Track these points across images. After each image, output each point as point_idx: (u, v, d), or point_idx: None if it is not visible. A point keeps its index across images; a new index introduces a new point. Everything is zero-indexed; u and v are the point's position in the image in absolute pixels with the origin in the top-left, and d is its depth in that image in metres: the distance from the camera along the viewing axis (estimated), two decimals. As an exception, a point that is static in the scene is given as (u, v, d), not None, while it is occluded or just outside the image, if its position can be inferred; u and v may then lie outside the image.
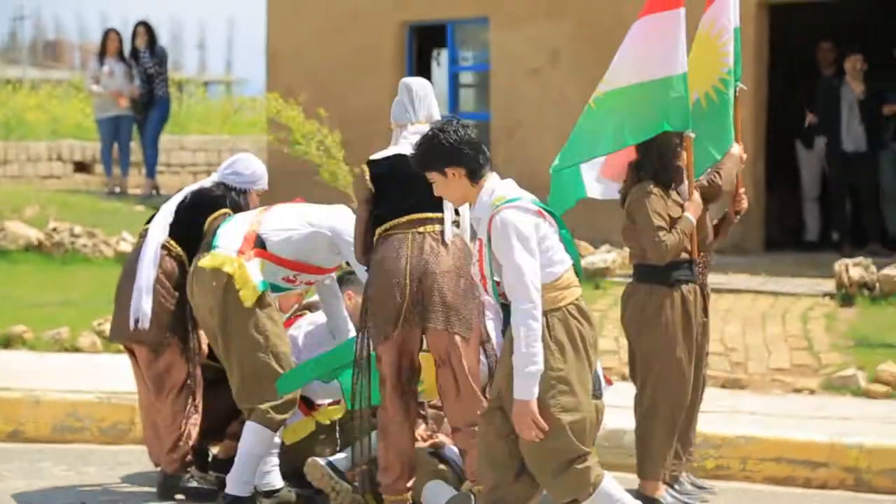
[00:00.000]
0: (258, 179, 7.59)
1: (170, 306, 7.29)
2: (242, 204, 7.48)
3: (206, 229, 7.33)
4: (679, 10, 7.14)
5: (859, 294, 11.24)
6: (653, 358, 7.16)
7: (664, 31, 7.13)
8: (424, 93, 6.98)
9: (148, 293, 7.24)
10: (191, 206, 7.44)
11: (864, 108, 14.16)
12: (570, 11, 15.36)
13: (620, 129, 7.16)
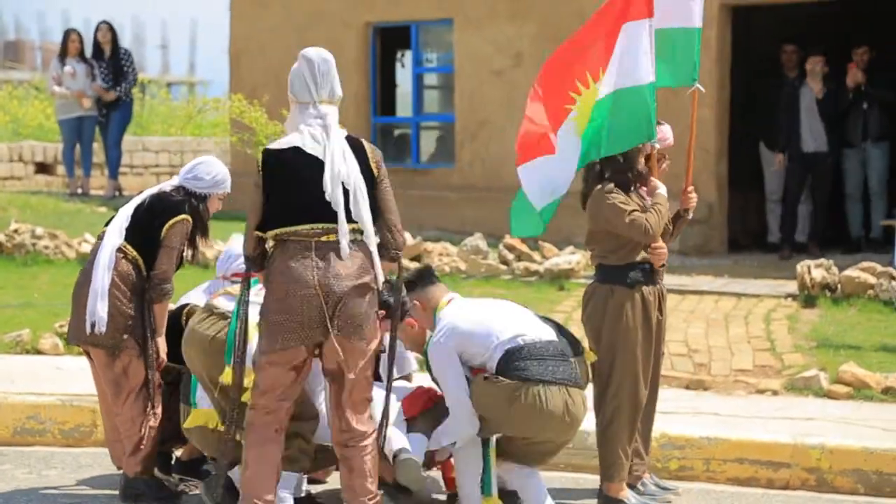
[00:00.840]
0: (219, 184, 7.51)
1: (126, 310, 7.25)
2: (201, 209, 7.42)
3: (164, 235, 7.28)
4: (648, 20, 7.16)
5: (821, 295, 11.29)
6: (612, 358, 7.18)
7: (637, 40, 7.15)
8: (327, 68, 6.49)
9: (103, 297, 7.20)
10: (149, 211, 7.38)
11: (823, 109, 14.26)
12: (533, 13, 15.39)
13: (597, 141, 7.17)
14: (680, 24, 7.43)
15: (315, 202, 6.33)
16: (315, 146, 6.38)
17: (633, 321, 7.16)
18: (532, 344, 6.83)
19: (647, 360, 7.24)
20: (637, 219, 7.05)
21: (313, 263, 6.32)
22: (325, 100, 6.47)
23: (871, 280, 11.26)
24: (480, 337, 6.89)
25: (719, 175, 14.71)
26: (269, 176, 6.40)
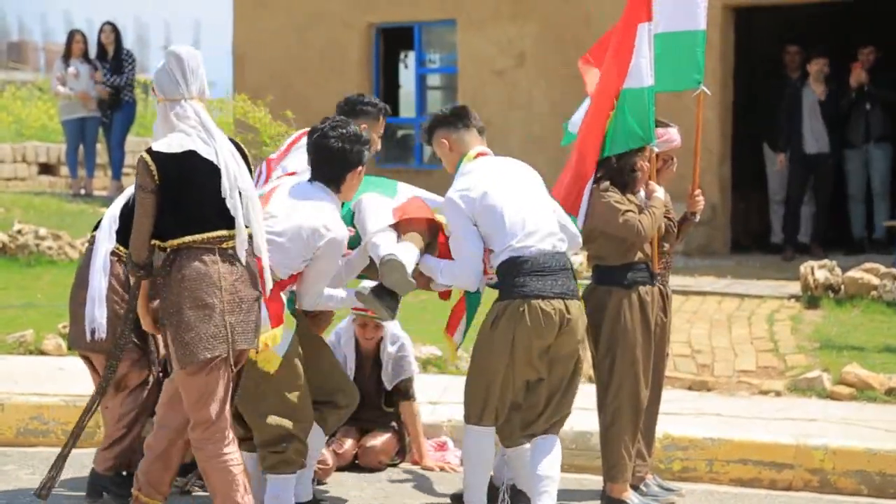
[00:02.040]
0: None
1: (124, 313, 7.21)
2: None
3: None
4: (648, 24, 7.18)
5: (825, 296, 11.29)
6: (612, 359, 7.18)
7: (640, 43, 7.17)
8: (196, 64, 6.31)
9: (101, 303, 7.15)
10: (131, 210, 7.26)
11: (826, 110, 14.26)
12: (535, 14, 15.40)
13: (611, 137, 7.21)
14: (684, 27, 7.44)
15: (214, 209, 6.17)
16: (207, 150, 6.23)
17: (631, 322, 7.16)
18: (535, 257, 6.67)
19: (647, 360, 7.24)
20: (630, 219, 7.05)
21: (219, 271, 6.16)
22: (195, 97, 6.33)
23: (874, 281, 11.26)
24: (491, 226, 6.73)
25: (722, 176, 14.72)
26: (167, 182, 6.13)
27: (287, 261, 6.61)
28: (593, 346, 7.28)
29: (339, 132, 6.63)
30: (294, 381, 6.76)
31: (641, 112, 7.15)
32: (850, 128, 14.49)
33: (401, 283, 6.68)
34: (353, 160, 6.65)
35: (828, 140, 14.36)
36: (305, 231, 6.55)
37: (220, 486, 6.22)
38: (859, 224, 14.76)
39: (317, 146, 6.69)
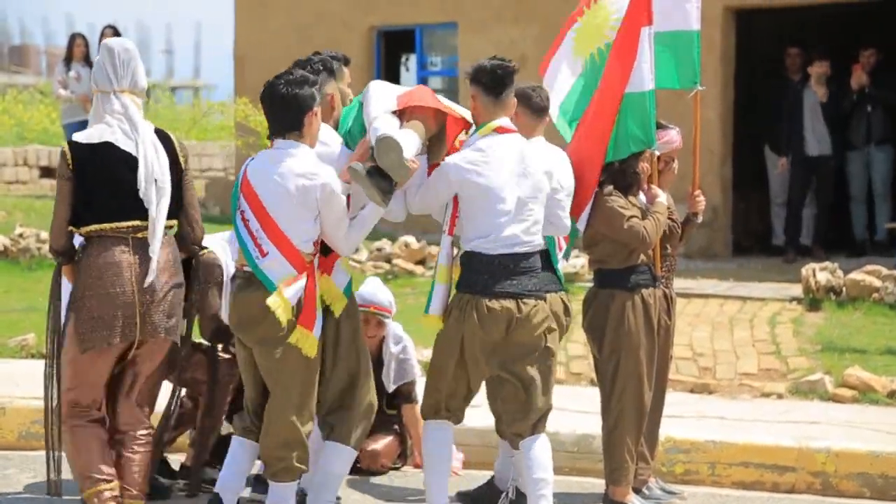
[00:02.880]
0: None
1: None
2: None
3: None
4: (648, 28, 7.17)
5: (826, 298, 11.29)
6: (615, 362, 7.17)
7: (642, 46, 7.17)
8: (128, 57, 6.54)
9: None
10: None
11: (827, 112, 14.26)
12: (537, 16, 15.39)
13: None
14: (678, 27, 7.45)
15: (129, 199, 6.39)
16: (127, 142, 6.45)
17: (634, 324, 7.15)
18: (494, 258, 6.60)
19: (651, 363, 7.23)
20: (635, 225, 7.04)
21: (129, 260, 6.40)
22: (125, 89, 6.54)
23: (875, 283, 11.25)
24: (468, 215, 6.66)
25: (723, 177, 14.72)
26: (81, 171, 6.41)
27: (299, 230, 6.46)
28: (596, 350, 7.26)
29: (285, 79, 6.51)
30: (314, 375, 6.65)
31: (643, 116, 7.14)
32: (852, 129, 14.49)
33: (395, 166, 6.38)
34: (307, 102, 6.46)
35: (829, 142, 14.36)
36: (292, 192, 6.41)
37: (76, 454, 6.53)
38: (861, 226, 14.75)
39: (269, 97, 6.51)
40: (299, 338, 6.46)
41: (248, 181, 6.48)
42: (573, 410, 8.56)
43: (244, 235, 6.45)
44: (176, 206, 6.57)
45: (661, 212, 7.18)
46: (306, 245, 6.47)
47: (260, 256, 6.41)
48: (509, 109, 6.79)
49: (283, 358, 6.47)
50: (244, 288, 6.49)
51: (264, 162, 6.51)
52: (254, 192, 6.44)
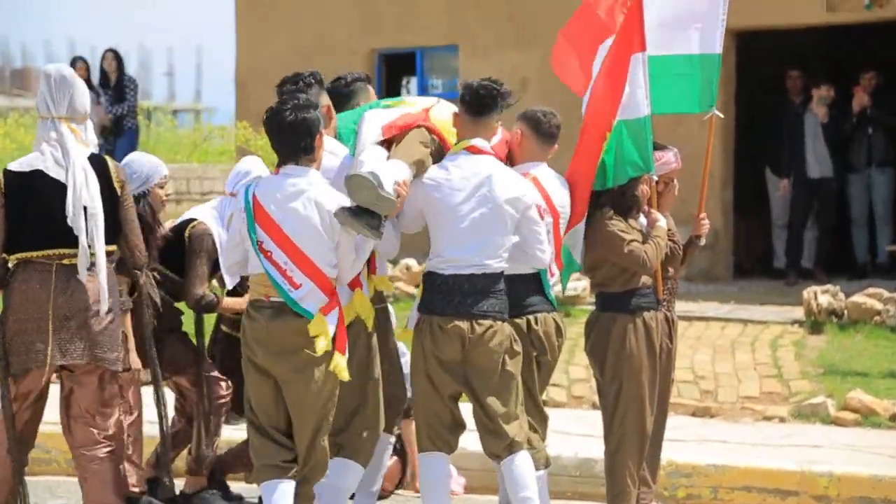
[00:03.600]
0: (151, 176, 7.32)
1: None
2: (143, 209, 7.19)
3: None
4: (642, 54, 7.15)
5: (828, 321, 11.28)
6: (618, 386, 7.16)
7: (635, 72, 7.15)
8: (65, 84, 6.54)
9: None
10: None
11: (828, 134, 14.27)
12: (538, 40, 15.39)
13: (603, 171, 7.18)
14: (701, 49, 7.40)
15: (57, 226, 6.42)
16: (58, 170, 6.47)
17: (636, 348, 7.13)
18: (448, 278, 6.61)
19: (653, 386, 7.21)
20: (635, 249, 7.03)
21: (50, 287, 6.43)
22: (63, 116, 6.55)
23: (877, 306, 11.25)
24: (435, 230, 6.68)
25: (724, 200, 14.72)
26: (12, 199, 6.47)
27: (326, 257, 6.44)
28: (598, 373, 7.25)
29: (290, 104, 6.48)
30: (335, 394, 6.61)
31: (641, 142, 7.13)
32: (853, 152, 14.49)
33: (373, 200, 6.32)
34: (316, 125, 6.46)
35: (831, 164, 14.36)
36: (318, 221, 6.38)
37: None
38: (862, 249, 14.74)
39: (277, 124, 6.47)
40: (336, 363, 6.44)
41: (264, 210, 6.41)
42: (575, 434, 8.56)
43: (270, 268, 6.38)
44: (114, 232, 6.60)
45: (661, 235, 7.18)
46: (332, 271, 6.47)
47: (293, 289, 6.37)
48: (489, 131, 6.77)
49: (322, 385, 6.44)
50: (276, 318, 6.41)
51: (280, 189, 6.44)
52: (274, 222, 6.39)
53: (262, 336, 6.44)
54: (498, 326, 6.63)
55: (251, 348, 6.50)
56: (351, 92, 7.28)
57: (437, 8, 16.17)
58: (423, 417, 6.81)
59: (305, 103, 6.50)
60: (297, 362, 6.41)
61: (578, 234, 7.14)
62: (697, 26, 7.42)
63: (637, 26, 7.07)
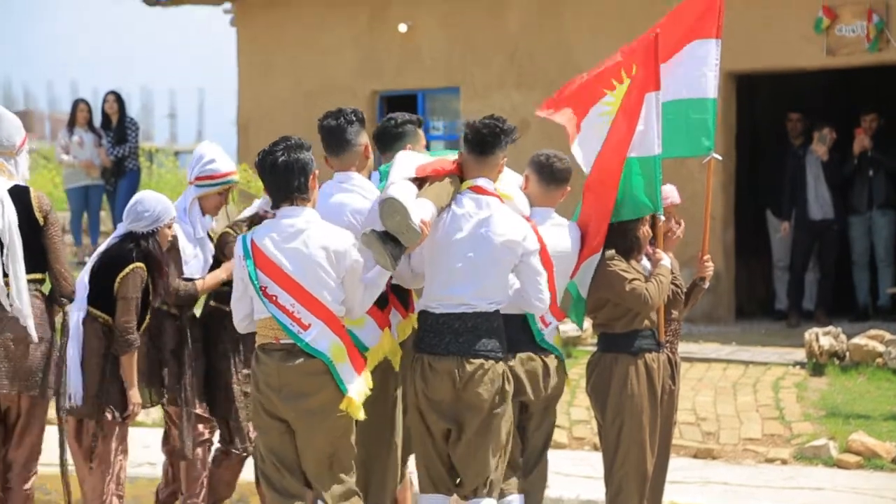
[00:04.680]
0: (161, 216, 7.31)
1: (100, 376, 7.19)
2: (152, 247, 7.23)
3: (117, 288, 7.13)
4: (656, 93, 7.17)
5: (830, 363, 11.26)
6: (619, 427, 7.13)
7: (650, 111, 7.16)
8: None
9: (76, 371, 7.15)
10: (101, 270, 7.26)
11: (829, 176, 14.29)
12: (539, 82, 15.46)
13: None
14: (695, 94, 7.43)
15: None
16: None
17: (638, 389, 7.11)
18: (439, 316, 6.59)
19: (654, 428, 7.19)
20: (637, 287, 7.02)
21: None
22: (5, 150, 6.86)
23: (879, 348, 11.23)
24: (430, 269, 6.66)
25: (726, 242, 14.72)
26: None
27: (332, 295, 6.38)
28: (600, 414, 7.23)
29: (282, 146, 6.49)
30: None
31: (650, 181, 7.13)
32: (854, 194, 14.50)
33: (402, 229, 6.29)
34: (308, 165, 6.47)
35: (832, 206, 14.37)
36: (321, 259, 6.35)
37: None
38: (864, 291, 14.73)
39: (270, 166, 6.45)
40: (350, 402, 6.37)
41: (265, 255, 6.35)
42: (577, 476, 8.53)
43: (277, 313, 6.32)
44: (37, 262, 6.79)
45: (664, 274, 7.17)
46: (340, 308, 6.42)
47: (303, 330, 6.32)
48: (494, 169, 6.73)
49: (334, 424, 6.38)
50: (287, 360, 6.34)
51: (278, 232, 6.40)
52: (275, 266, 6.34)
53: (273, 380, 6.37)
54: (489, 366, 6.57)
55: (263, 393, 6.41)
56: (400, 133, 7.26)
57: (438, 50, 16.23)
58: (422, 458, 6.77)
59: (298, 143, 6.50)
60: (310, 404, 6.34)
61: (591, 267, 7.10)
62: (694, 72, 7.45)
63: (652, 66, 7.10)
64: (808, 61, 14.15)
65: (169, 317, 7.58)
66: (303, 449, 6.42)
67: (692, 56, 7.46)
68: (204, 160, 7.66)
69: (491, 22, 15.84)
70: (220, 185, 7.68)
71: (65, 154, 17.18)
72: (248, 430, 7.64)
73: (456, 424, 6.65)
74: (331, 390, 6.33)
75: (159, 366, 7.55)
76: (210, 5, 18.30)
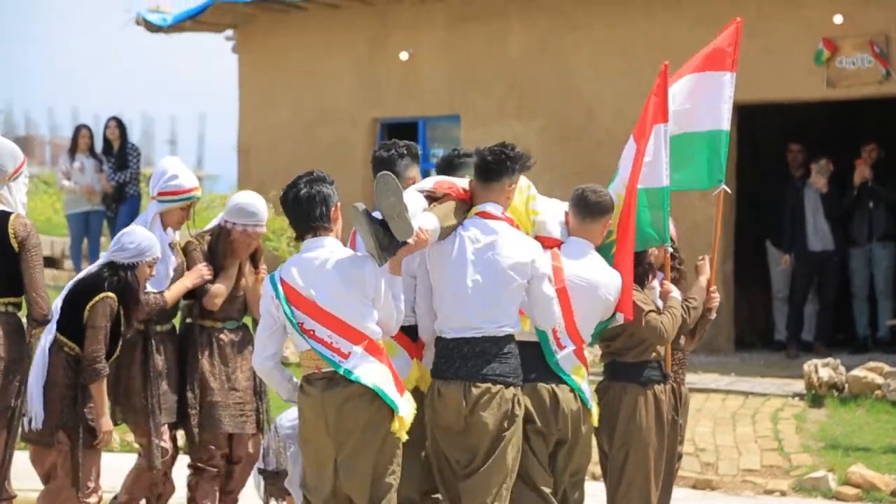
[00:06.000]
0: (144, 251, 7.26)
1: (61, 405, 7.20)
2: (130, 279, 7.21)
3: (87, 317, 7.15)
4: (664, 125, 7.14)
5: (829, 395, 11.25)
6: (625, 455, 7.10)
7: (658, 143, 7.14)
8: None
9: (38, 396, 7.17)
10: (73, 297, 7.29)
11: (828, 208, 14.29)
12: (540, 110, 15.49)
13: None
14: (709, 126, 7.42)
15: None
16: None
17: (645, 420, 7.08)
18: (449, 341, 6.59)
19: (660, 459, 7.16)
20: (653, 320, 7.01)
21: None
22: None
23: (878, 380, 11.21)
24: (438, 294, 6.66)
25: (725, 273, 14.71)
26: None
27: (366, 318, 6.38)
28: (606, 443, 7.18)
29: (304, 180, 6.51)
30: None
31: (658, 212, 7.12)
32: (854, 226, 14.50)
33: (394, 213, 6.28)
34: (329, 197, 6.50)
35: (832, 238, 14.37)
36: (347, 284, 6.35)
37: None
38: (863, 323, 14.72)
39: (294, 198, 6.49)
40: (401, 423, 6.37)
41: (295, 291, 6.38)
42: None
43: (317, 346, 6.34)
44: (10, 286, 6.95)
45: (675, 307, 7.16)
46: (375, 332, 6.41)
47: (343, 360, 6.32)
48: (501, 195, 6.73)
49: (382, 447, 6.35)
50: (329, 388, 6.34)
51: (304, 266, 6.42)
52: (307, 300, 6.36)
53: (318, 408, 6.37)
54: (497, 390, 6.54)
55: (308, 424, 6.43)
56: (460, 164, 7.25)
57: (439, 78, 16.26)
58: (442, 485, 6.73)
59: (320, 177, 6.54)
60: (355, 426, 6.32)
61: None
62: (707, 104, 7.44)
63: (661, 98, 7.10)
64: (809, 93, 14.18)
65: (138, 333, 7.62)
66: (345, 478, 6.37)
67: (708, 88, 7.44)
68: (167, 176, 7.71)
69: (492, 50, 15.87)
70: (182, 200, 7.73)
71: (66, 180, 17.19)
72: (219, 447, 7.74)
73: (466, 452, 6.61)
74: (375, 410, 6.31)
75: (127, 382, 7.58)
76: (212, 32, 18.35)
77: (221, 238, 7.74)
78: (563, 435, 6.87)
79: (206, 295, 7.67)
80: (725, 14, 14.32)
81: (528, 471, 6.77)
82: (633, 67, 14.52)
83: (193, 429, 7.68)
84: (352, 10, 16.73)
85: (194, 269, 7.65)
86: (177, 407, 7.73)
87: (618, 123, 14.48)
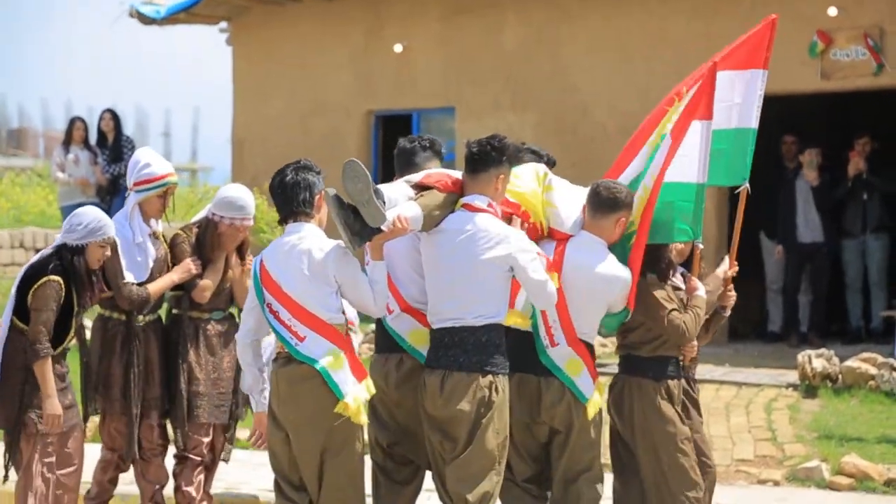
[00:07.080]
0: (94, 231, 7.22)
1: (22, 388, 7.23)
2: (76, 262, 7.20)
3: (31, 300, 7.16)
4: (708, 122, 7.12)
5: (822, 385, 11.27)
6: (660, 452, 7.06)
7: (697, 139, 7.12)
8: None
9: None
10: (22, 280, 7.28)
11: (819, 199, 14.31)
12: (534, 103, 15.50)
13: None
14: (741, 124, 7.41)
15: None
16: None
17: (669, 412, 7.08)
18: (436, 331, 6.69)
19: (688, 441, 7.17)
20: (675, 319, 6.99)
21: None
22: None
23: (871, 371, 11.24)
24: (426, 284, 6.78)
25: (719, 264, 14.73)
26: None
27: (326, 304, 6.53)
28: (618, 436, 7.18)
29: (291, 168, 6.71)
30: None
31: (692, 207, 7.10)
32: (848, 218, 14.53)
33: (362, 199, 6.32)
34: (314, 185, 6.66)
35: (821, 229, 14.39)
36: (306, 268, 6.52)
37: None
38: (857, 314, 14.75)
39: (280, 184, 6.67)
40: (345, 409, 6.51)
41: (268, 273, 6.63)
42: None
43: (277, 326, 6.59)
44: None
45: (700, 306, 7.15)
46: (337, 316, 6.58)
47: (298, 342, 6.53)
48: (488, 187, 6.75)
49: (329, 432, 6.51)
50: (285, 365, 6.59)
51: (280, 250, 6.65)
52: (275, 283, 6.59)
53: (274, 385, 6.65)
54: (472, 378, 6.57)
55: (271, 399, 6.71)
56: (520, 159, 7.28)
57: (434, 70, 16.27)
58: (434, 473, 6.81)
59: (306, 165, 6.72)
60: (302, 409, 6.52)
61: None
62: (737, 101, 7.43)
63: (705, 95, 7.07)
64: (803, 85, 14.20)
65: (120, 324, 7.66)
66: (297, 456, 6.59)
67: (746, 86, 7.42)
68: (139, 165, 7.77)
69: (486, 43, 15.88)
70: (157, 187, 7.75)
71: (60, 172, 17.19)
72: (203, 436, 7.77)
73: (448, 439, 6.65)
74: (323, 396, 6.47)
75: (107, 371, 7.63)
76: (206, 24, 18.34)
77: (209, 231, 7.77)
78: (552, 425, 6.89)
79: (195, 288, 7.70)
80: (721, 6, 14.42)
81: (509, 462, 6.83)
82: (629, 60, 14.54)
83: (179, 419, 7.71)
84: (346, 1, 16.73)
85: (182, 264, 7.69)
86: (164, 397, 7.77)
87: (612, 116, 14.51)
